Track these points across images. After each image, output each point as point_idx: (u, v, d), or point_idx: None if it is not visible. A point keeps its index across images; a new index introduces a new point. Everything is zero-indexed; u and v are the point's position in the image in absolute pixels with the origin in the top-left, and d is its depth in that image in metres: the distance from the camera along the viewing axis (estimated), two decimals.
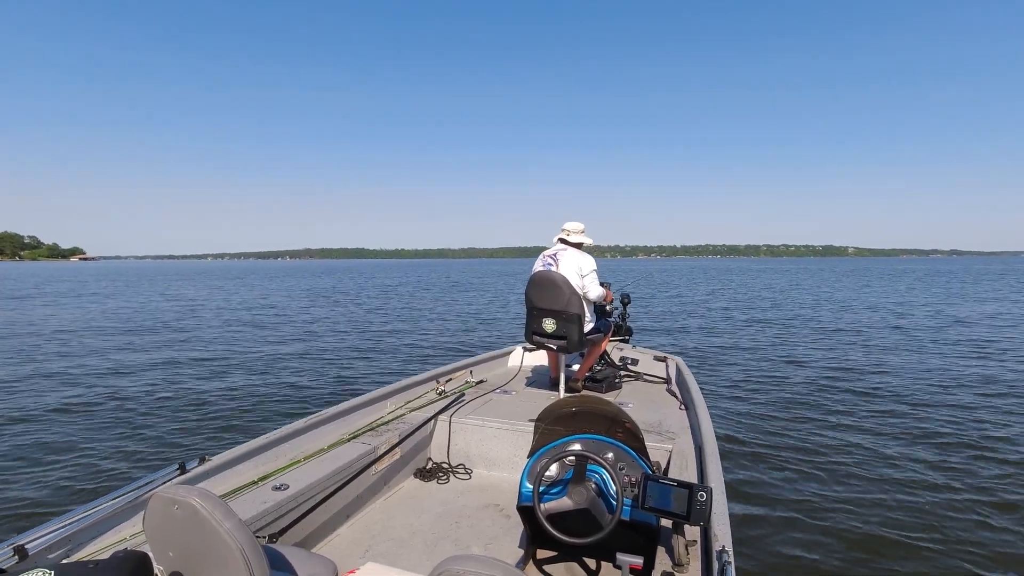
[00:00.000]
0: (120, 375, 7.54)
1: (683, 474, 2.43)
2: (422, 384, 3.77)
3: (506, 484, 2.96)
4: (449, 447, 3.23)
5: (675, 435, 2.95)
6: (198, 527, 1.23)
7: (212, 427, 5.38)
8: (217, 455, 2.35)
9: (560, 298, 3.61)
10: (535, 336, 3.76)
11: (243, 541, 1.23)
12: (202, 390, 6.76)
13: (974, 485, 4.05)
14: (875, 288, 27.68)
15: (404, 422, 3.11)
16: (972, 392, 6.72)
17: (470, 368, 4.25)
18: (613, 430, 2.12)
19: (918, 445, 4.89)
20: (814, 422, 5.55)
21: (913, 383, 7.23)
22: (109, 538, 1.86)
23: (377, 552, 2.30)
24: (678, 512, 1.70)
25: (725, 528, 1.77)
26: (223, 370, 7.93)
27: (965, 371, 8.00)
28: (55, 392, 6.59)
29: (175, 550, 1.30)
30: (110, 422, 5.45)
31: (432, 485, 2.97)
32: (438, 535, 2.45)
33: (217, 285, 29.75)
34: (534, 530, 2.16)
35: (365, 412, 3.21)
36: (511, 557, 2.26)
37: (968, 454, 4.64)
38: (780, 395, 6.63)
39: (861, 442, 4.95)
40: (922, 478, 4.20)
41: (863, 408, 6.05)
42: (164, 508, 1.27)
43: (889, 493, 3.95)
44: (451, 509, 2.70)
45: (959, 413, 5.82)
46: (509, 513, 2.65)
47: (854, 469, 4.37)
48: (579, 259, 3.72)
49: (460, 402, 3.54)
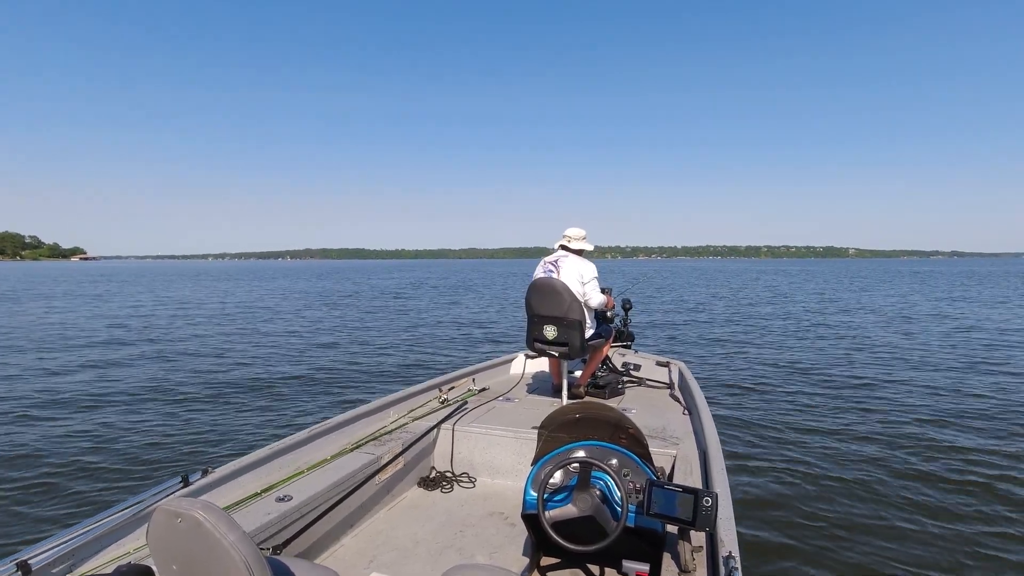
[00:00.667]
0: (121, 387, 7.53)
1: (688, 479, 2.42)
2: (424, 392, 3.76)
3: (510, 492, 2.95)
4: (452, 456, 3.22)
5: (679, 440, 2.94)
6: (201, 540, 1.23)
7: (214, 439, 5.37)
8: (220, 467, 2.34)
9: (561, 305, 3.61)
10: (536, 343, 3.76)
11: (247, 553, 1.23)
12: (204, 401, 6.74)
13: (988, 492, 4.00)
14: (877, 290, 27.64)
15: (407, 431, 3.11)
16: (983, 399, 6.68)
17: (472, 376, 4.25)
18: (617, 436, 2.11)
19: (926, 450, 4.86)
20: (819, 426, 5.53)
21: (920, 387, 7.20)
22: (112, 552, 1.85)
23: (381, 562, 2.29)
24: (684, 518, 1.70)
25: (731, 534, 1.76)
26: (224, 381, 7.92)
27: (974, 376, 7.97)
28: (54, 405, 6.58)
29: (179, 563, 1.30)
30: (112, 435, 5.43)
31: (436, 494, 2.96)
32: (442, 544, 2.44)
33: (216, 287, 29.67)
34: (539, 538, 2.15)
35: (368, 422, 3.20)
36: (516, 565, 2.25)
37: (983, 461, 4.60)
38: (784, 399, 6.61)
39: (867, 446, 4.93)
40: (930, 482, 4.17)
41: (869, 412, 6.03)
42: (167, 521, 1.27)
43: (897, 497, 3.93)
44: (455, 518, 2.69)
45: (970, 420, 5.78)
46: (514, 521, 2.64)
47: (860, 473, 4.34)
48: (580, 266, 3.73)
49: (463, 410, 3.53)
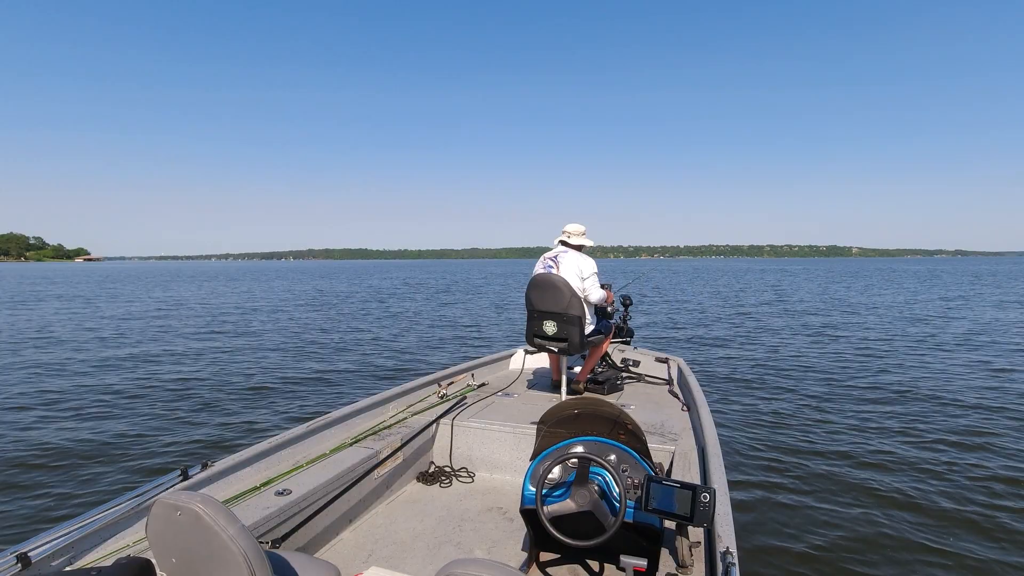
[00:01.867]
0: (121, 381, 7.54)
1: (686, 475, 2.43)
2: (424, 387, 3.77)
3: (509, 487, 2.96)
4: (451, 450, 3.23)
5: (677, 436, 2.95)
6: (201, 533, 1.23)
7: (214, 432, 5.38)
8: (219, 460, 2.35)
9: (561, 300, 3.61)
10: (536, 339, 3.76)
11: (246, 547, 1.23)
12: (204, 395, 6.75)
13: (986, 489, 4.00)
14: (878, 289, 27.64)
15: (406, 426, 3.11)
16: (983, 395, 6.70)
17: (471, 371, 4.25)
18: (615, 432, 2.12)
19: (925, 446, 4.87)
20: (817, 422, 5.54)
21: (919, 384, 7.21)
22: (112, 545, 1.85)
23: (380, 556, 2.30)
24: (681, 513, 1.70)
25: (729, 529, 1.77)
26: (225, 375, 7.93)
27: (972, 371, 7.98)
28: (55, 399, 6.59)
29: (178, 556, 1.30)
30: (111, 429, 5.45)
31: (435, 489, 2.97)
32: (441, 539, 2.45)
33: (217, 286, 29.78)
34: (537, 533, 2.15)
35: (367, 416, 3.21)
36: (514, 560, 2.26)
37: (981, 457, 4.61)
38: (783, 395, 6.62)
39: (866, 442, 4.94)
40: (929, 479, 4.18)
41: (867, 408, 6.04)
42: (167, 514, 1.27)
43: (895, 493, 3.93)
44: (454, 513, 2.70)
45: (968, 414, 5.80)
46: (512, 516, 2.64)
47: (858, 468, 4.36)
48: (580, 262, 3.72)
49: (462, 405, 3.53)
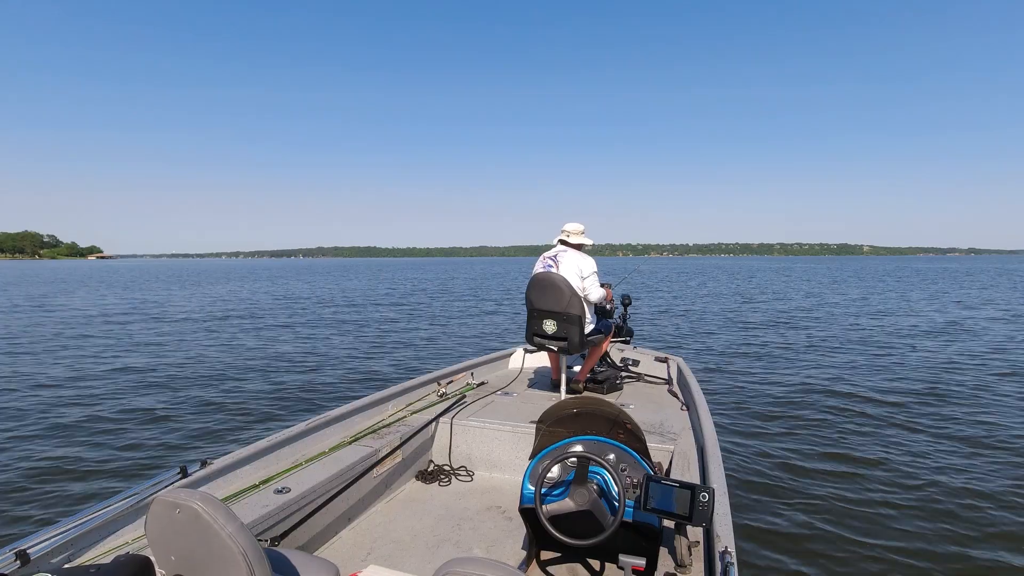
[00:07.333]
0: (121, 379, 7.54)
1: (685, 475, 2.42)
2: (423, 386, 3.77)
3: (508, 486, 2.96)
4: (451, 449, 3.23)
5: (677, 436, 2.95)
6: (200, 531, 1.23)
7: (213, 430, 5.38)
8: (219, 458, 2.35)
9: (561, 300, 3.61)
10: (536, 338, 3.76)
11: (245, 544, 1.23)
12: (203, 393, 6.75)
13: (992, 492, 4.00)
14: (886, 288, 27.65)
15: (405, 424, 3.11)
16: (984, 393, 6.71)
17: (471, 370, 4.25)
18: (615, 431, 2.12)
19: (924, 444, 4.87)
20: (817, 422, 5.54)
21: (920, 384, 7.21)
22: (111, 542, 1.86)
23: (379, 555, 2.30)
24: (680, 513, 1.70)
25: (728, 529, 1.77)
26: (224, 373, 7.93)
27: (975, 372, 7.98)
28: (55, 396, 6.59)
29: (177, 554, 1.30)
30: (111, 426, 5.45)
31: (434, 487, 2.97)
32: (440, 538, 2.45)
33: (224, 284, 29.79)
34: (536, 532, 2.15)
35: (366, 415, 3.21)
36: (513, 559, 2.26)
37: (983, 457, 4.60)
38: (782, 395, 6.62)
39: (868, 443, 4.94)
40: (928, 479, 4.18)
41: (868, 408, 6.04)
42: (166, 512, 1.27)
43: (893, 493, 3.94)
44: (453, 512, 2.70)
45: (967, 412, 5.81)
46: (511, 515, 2.65)
47: (857, 469, 4.36)
48: (580, 261, 3.72)
49: (461, 404, 3.53)
